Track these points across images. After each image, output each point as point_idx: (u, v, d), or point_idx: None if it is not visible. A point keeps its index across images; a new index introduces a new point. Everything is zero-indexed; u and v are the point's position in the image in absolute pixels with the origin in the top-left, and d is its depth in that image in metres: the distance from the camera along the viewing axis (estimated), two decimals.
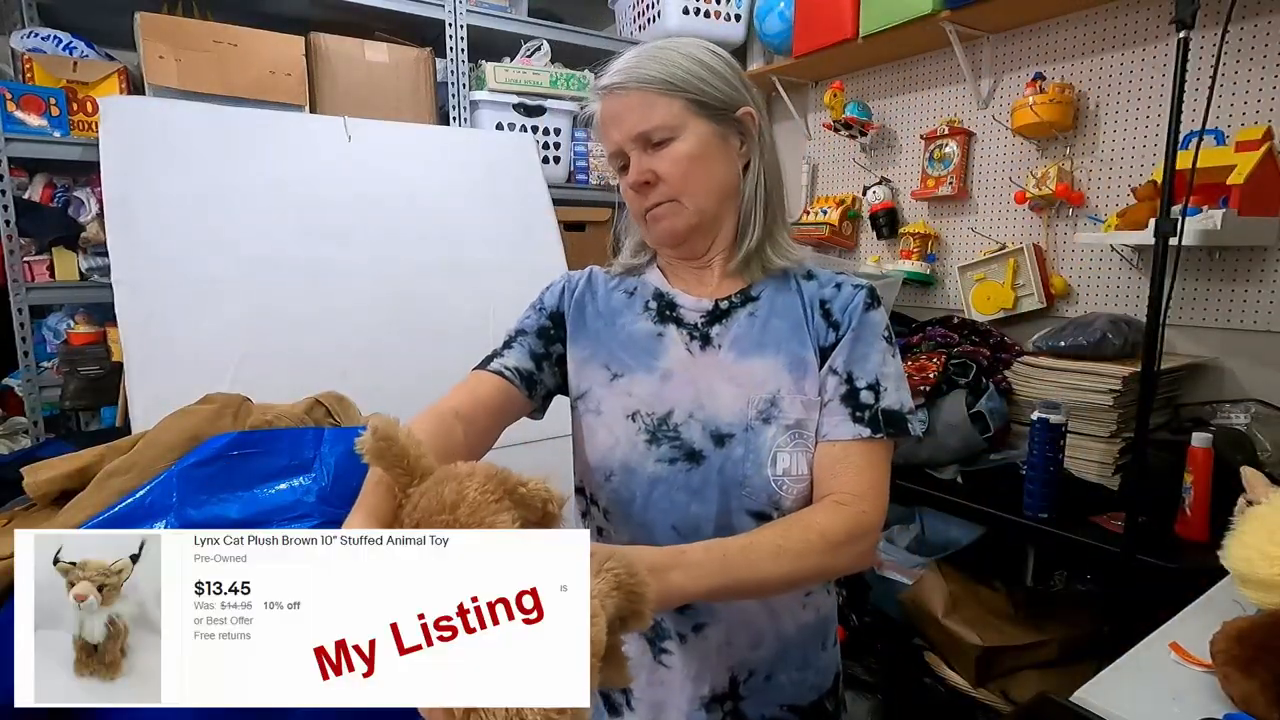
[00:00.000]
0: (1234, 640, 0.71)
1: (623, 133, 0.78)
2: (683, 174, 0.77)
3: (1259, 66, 1.47)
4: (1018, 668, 1.50)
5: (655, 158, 0.78)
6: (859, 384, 0.76)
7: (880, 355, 0.78)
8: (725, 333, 0.81)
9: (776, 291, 0.82)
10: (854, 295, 0.80)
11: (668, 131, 0.77)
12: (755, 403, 0.77)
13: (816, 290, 0.82)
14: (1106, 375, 1.46)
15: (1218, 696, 0.70)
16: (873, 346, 0.78)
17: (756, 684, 0.82)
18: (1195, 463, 1.26)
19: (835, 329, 0.79)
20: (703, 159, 0.78)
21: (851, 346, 0.77)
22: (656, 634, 0.82)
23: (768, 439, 0.75)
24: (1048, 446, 1.38)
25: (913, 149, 2.15)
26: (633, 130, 0.77)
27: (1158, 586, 1.17)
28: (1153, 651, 0.80)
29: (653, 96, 0.76)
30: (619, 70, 0.79)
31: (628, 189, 0.81)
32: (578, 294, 0.88)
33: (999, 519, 1.47)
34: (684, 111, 0.77)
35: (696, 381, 0.80)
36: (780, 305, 0.81)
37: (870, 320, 0.79)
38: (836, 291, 0.81)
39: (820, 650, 0.86)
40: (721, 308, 0.82)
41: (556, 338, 0.86)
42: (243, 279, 1.74)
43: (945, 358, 1.69)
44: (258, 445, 1.26)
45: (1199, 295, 1.57)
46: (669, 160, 0.77)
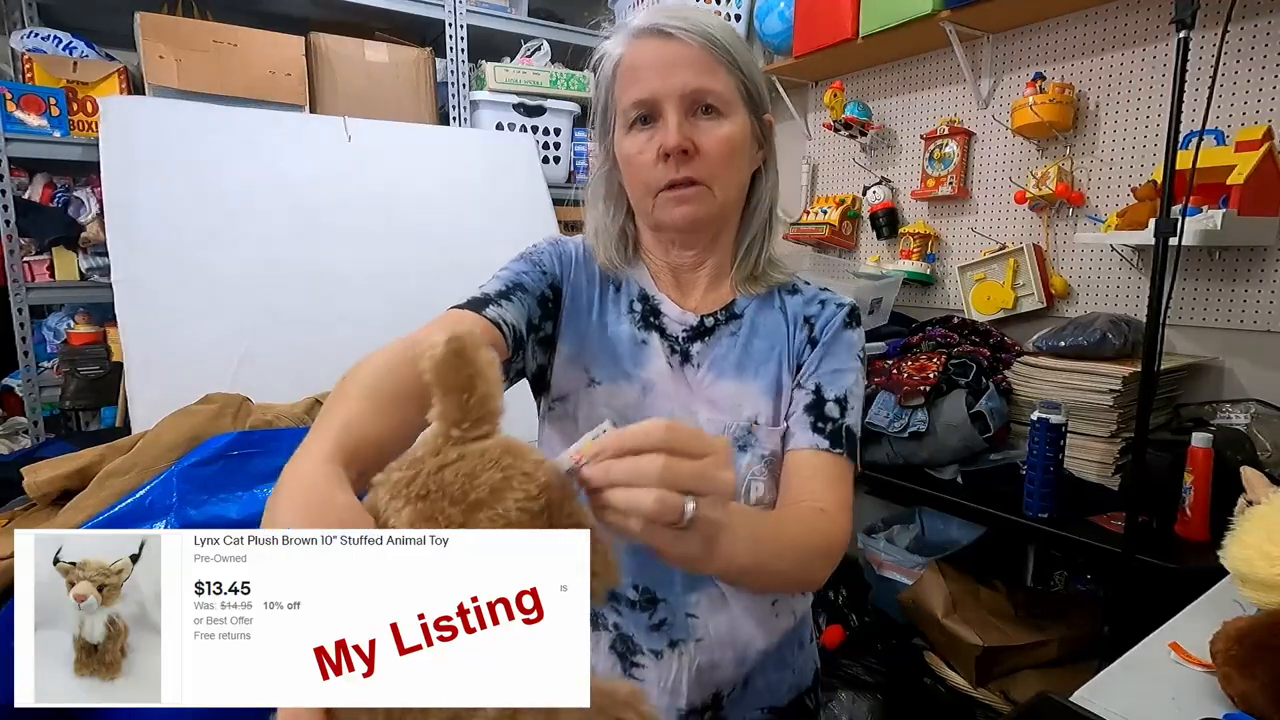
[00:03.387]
0: (1234, 640, 0.70)
1: (671, 83, 0.68)
2: (724, 156, 0.70)
3: (1259, 66, 1.47)
4: (1018, 668, 1.51)
5: (700, 128, 0.69)
6: (825, 395, 0.74)
7: (852, 375, 0.76)
8: (706, 352, 0.76)
9: (760, 309, 0.78)
10: (835, 313, 0.78)
11: (721, 103, 0.70)
12: (732, 429, 0.73)
13: (801, 307, 0.78)
14: (1106, 375, 1.46)
15: (1218, 696, 0.70)
16: (845, 364, 0.76)
17: (736, 694, 0.79)
18: (1195, 463, 1.26)
19: (813, 346, 0.76)
20: (741, 150, 0.72)
21: (823, 359, 0.75)
22: (627, 648, 0.76)
23: (742, 468, 0.72)
24: (1048, 446, 1.38)
25: (913, 149, 2.15)
26: (687, 85, 0.68)
27: (1158, 586, 1.17)
28: (1153, 651, 0.80)
29: (715, 61, 0.69)
30: (676, 16, 0.69)
31: (646, 154, 0.70)
32: (574, 273, 0.78)
33: (999, 519, 1.47)
34: (736, 92, 0.71)
35: (674, 398, 0.75)
36: (762, 324, 0.78)
37: (846, 337, 0.77)
38: (820, 309, 0.78)
39: (798, 649, 0.83)
40: (706, 325, 0.77)
41: (551, 314, 0.76)
42: (243, 279, 1.74)
43: (945, 358, 1.69)
44: (258, 445, 1.26)
45: (1199, 295, 1.57)
46: (715, 137, 0.70)
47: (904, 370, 1.72)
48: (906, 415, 1.66)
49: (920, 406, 1.64)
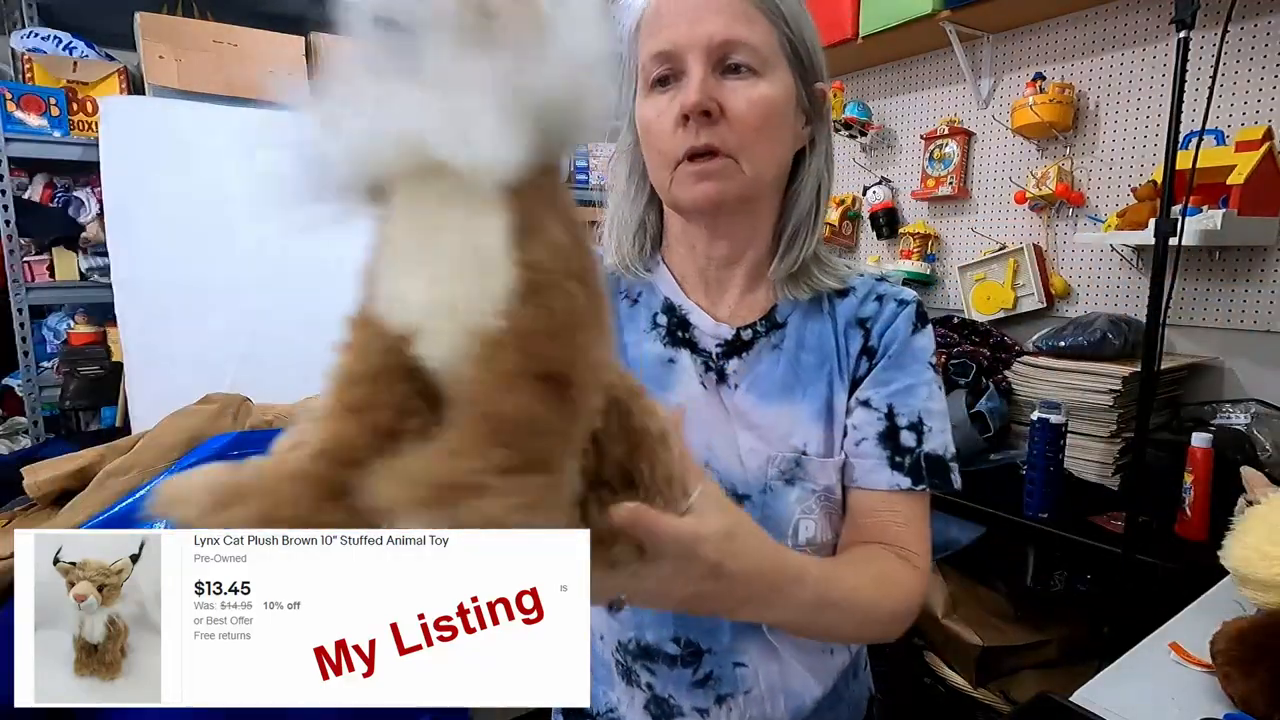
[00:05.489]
0: (1234, 640, 0.71)
1: (695, 32, 0.58)
2: (757, 121, 0.59)
3: (1259, 66, 1.47)
4: (1018, 668, 1.51)
5: (726, 87, 0.58)
6: (900, 422, 0.63)
7: (926, 389, 0.64)
8: (745, 369, 0.65)
9: (805, 317, 0.67)
10: (897, 313, 0.65)
11: (756, 59, 0.59)
12: (777, 460, 0.63)
13: (854, 308, 0.66)
14: (1106, 375, 1.46)
15: (1218, 696, 0.70)
16: (918, 376, 0.64)
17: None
18: (1195, 463, 1.26)
19: (869, 355, 0.65)
20: (779, 117, 0.60)
21: (892, 375, 0.64)
22: (662, 710, 0.67)
23: (790, 503, 0.63)
24: (1048, 446, 1.38)
25: (913, 149, 2.15)
26: (715, 35, 0.57)
27: (1158, 586, 1.17)
28: (1153, 651, 0.80)
29: (750, 7, 0.59)
30: None
31: (665, 118, 0.59)
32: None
33: (999, 519, 1.47)
34: (778, 47, 0.60)
35: (709, 425, 0.64)
36: (809, 336, 0.66)
37: (916, 345, 0.65)
38: (878, 307, 0.66)
39: (852, 680, 0.75)
40: (743, 338, 0.66)
41: None
42: (242, 279, 1.74)
43: (945, 358, 1.69)
44: (258, 445, 1.25)
45: (1199, 295, 1.57)
46: (746, 98, 0.58)
47: None
48: None
49: None
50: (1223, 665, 0.70)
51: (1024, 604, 1.60)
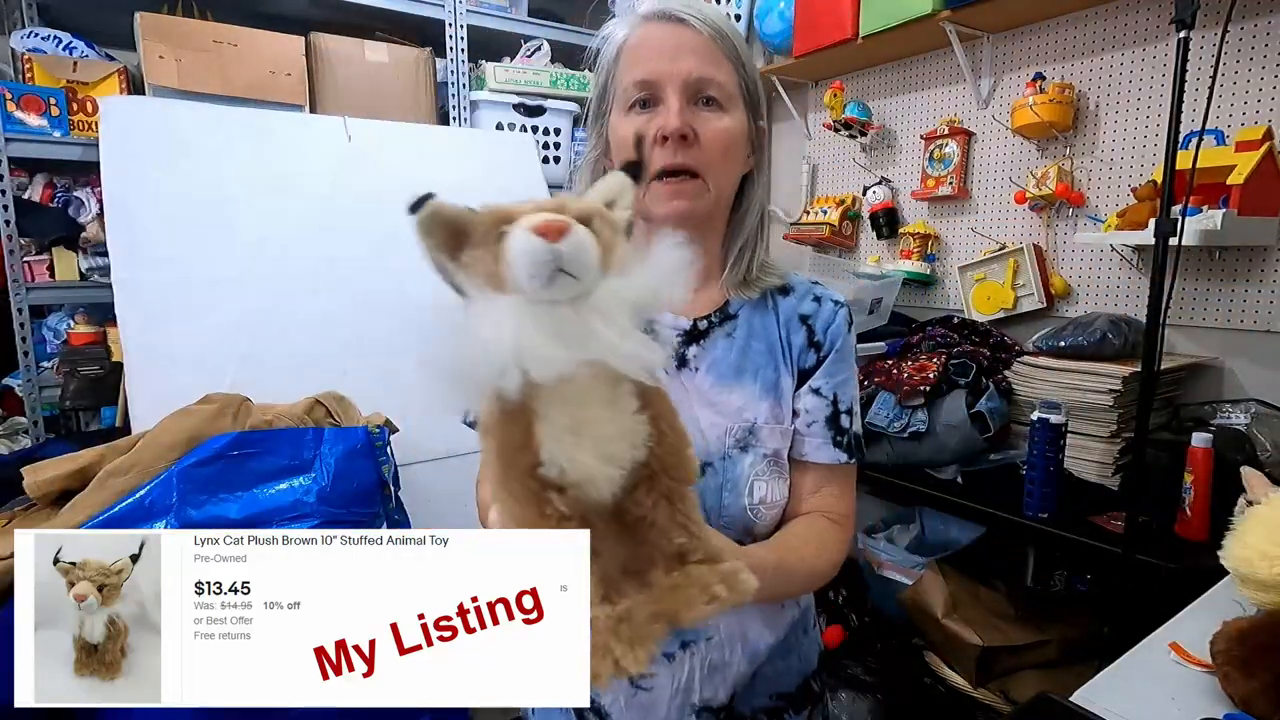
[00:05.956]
0: (1234, 640, 0.70)
1: (676, 67, 0.69)
2: (722, 149, 0.71)
3: (1259, 66, 1.46)
4: (1018, 668, 1.51)
5: (700, 117, 0.70)
6: (841, 407, 0.77)
7: (854, 380, 0.79)
8: (703, 355, 0.76)
9: (754, 310, 0.79)
10: (835, 314, 0.79)
11: (723, 95, 0.71)
12: (733, 431, 0.74)
13: (795, 305, 0.79)
14: (1106, 375, 1.46)
15: (1218, 696, 0.70)
16: (851, 370, 0.79)
17: (745, 685, 0.80)
18: (1195, 463, 1.26)
19: (817, 349, 0.77)
20: (738, 146, 0.73)
21: (837, 368, 0.77)
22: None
23: (745, 467, 0.73)
24: (1048, 446, 1.38)
25: (913, 149, 2.14)
26: (693, 71, 0.69)
27: (1158, 586, 1.17)
28: (1153, 651, 0.80)
29: (720, 53, 0.71)
30: (687, 4, 0.71)
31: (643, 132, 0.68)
32: None
33: (999, 519, 1.47)
34: (739, 90, 0.73)
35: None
36: (757, 326, 0.78)
37: (850, 343, 0.79)
38: (817, 306, 0.79)
39: (803, 636, 0.85)
40: (699, 328, 0.77)
41: None
42: (242, 279, 1.74)
43: (945, 358, 1.69)
44: (257, 445, 1.26)
45: (1199, 295, 1.57)
46: (714, 128, 0.70)
47: (904, 370, 1.72)
48: (906, 415, 1.66)
49: (920, 406, 1.64)
50: (1223, 665, 0.70)
51: (1024, 604, 1.60)
